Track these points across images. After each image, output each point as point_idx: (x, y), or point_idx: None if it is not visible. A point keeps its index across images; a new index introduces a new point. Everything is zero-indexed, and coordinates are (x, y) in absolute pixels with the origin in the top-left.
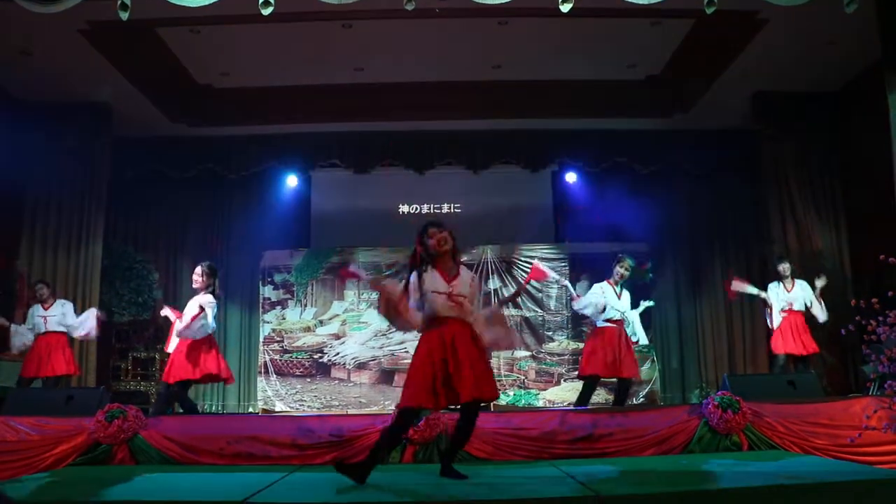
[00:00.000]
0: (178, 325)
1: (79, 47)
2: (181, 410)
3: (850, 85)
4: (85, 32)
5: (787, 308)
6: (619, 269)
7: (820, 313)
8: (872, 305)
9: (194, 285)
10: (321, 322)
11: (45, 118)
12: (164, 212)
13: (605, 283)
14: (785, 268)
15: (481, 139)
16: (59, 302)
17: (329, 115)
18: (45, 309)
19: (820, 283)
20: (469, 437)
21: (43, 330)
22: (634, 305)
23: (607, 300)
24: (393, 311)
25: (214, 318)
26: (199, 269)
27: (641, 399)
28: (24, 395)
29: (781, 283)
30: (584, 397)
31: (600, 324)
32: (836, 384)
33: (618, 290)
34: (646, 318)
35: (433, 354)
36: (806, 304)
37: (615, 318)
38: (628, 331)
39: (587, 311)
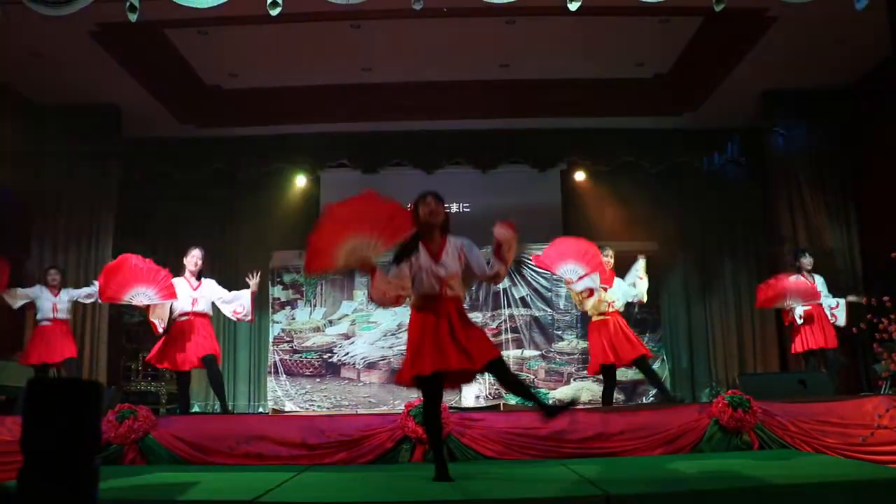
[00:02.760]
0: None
1: (88, 49)
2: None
3: (860, 82)
4: (94, 34)
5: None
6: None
7: (842, 316)
8: (884, 303)
9: (194, 268)
10: (330, 322)
11: (54, 119)
12: (173, 212)
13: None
14: (808, 262)
15: (490, 139)
16: (65, 290)
17: (337, 115)
18: (55, 295)
19: (853, 298)
20: (518, 383)
21: (51, 316)
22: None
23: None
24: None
25: None
26: (199, 253)
27: (651, 398)
28: None
29: (801, 277)
30: (605, 392)
31: (594, 318)
32: (848, 383)
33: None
34: (655, 314)
35: (427, 329)
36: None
37: (608, 311)
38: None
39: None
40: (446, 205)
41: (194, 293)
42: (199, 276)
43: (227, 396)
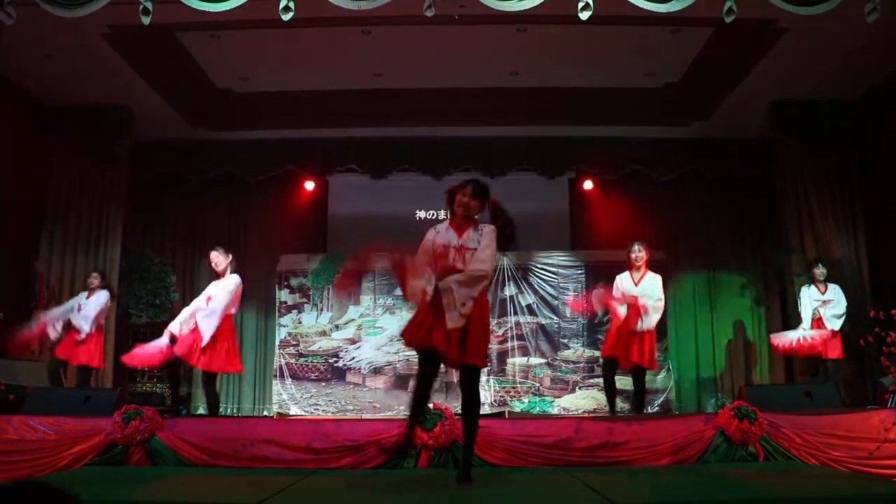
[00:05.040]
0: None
1: (100, 51)
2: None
3: (870, 94)
4: (107, 36)
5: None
6: (631, 255)
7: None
8: (892, 316)
9: (218, 268)
10: (337, 326)
11: (65, 121)
12: (181, 215)
13: (624, 273)
14: (821, 272)
15: (498, 146)
16: (101, 293)
17: (347, 120)
18: (87, 297)
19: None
20: (470, 409)
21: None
22: None
23: (622, 288)
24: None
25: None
26: (213, 254)
27: (657, 408)
28: (42, 395)
29: (814, 286)
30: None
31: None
32: (854, 395)
33: (636, 276)
34: (661, 323)
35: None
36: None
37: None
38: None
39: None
40: (493, 199)
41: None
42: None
43: (232, 399)
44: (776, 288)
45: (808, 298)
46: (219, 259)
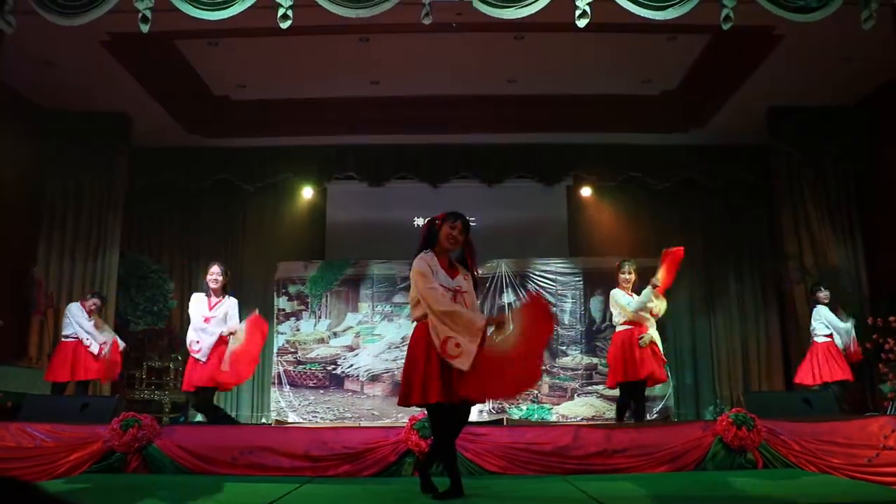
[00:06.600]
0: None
1: (99, 58)
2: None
3: (867, 101)
4: (106, 44)
5: (829, 334)
6: (620, 275)
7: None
8: (890, 323)
9: (214, 285)
10: (335, 334)
11: (64, 127)
12: (179, 222)
13: (615, 289)
14: (825, 295)
15: (496, 153)
16: (104, 329)
17: (345, 127)
18: (88, 317)
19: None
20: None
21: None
22: None
23: (620, 303)
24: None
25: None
26: (217, 269)
27: (655, 415)
28: (40, 402)
29: (820, 308)
30: (618, 409)
31: (618, 328)
32: (853, 403)
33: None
34: (658, 330)
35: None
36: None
37: (631, 321)
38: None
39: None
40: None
41: (209, 312)
42: (223, 293)
43: (231, 407)
44: (774, 294)
45: (827, 317)
46: (220, 276)
